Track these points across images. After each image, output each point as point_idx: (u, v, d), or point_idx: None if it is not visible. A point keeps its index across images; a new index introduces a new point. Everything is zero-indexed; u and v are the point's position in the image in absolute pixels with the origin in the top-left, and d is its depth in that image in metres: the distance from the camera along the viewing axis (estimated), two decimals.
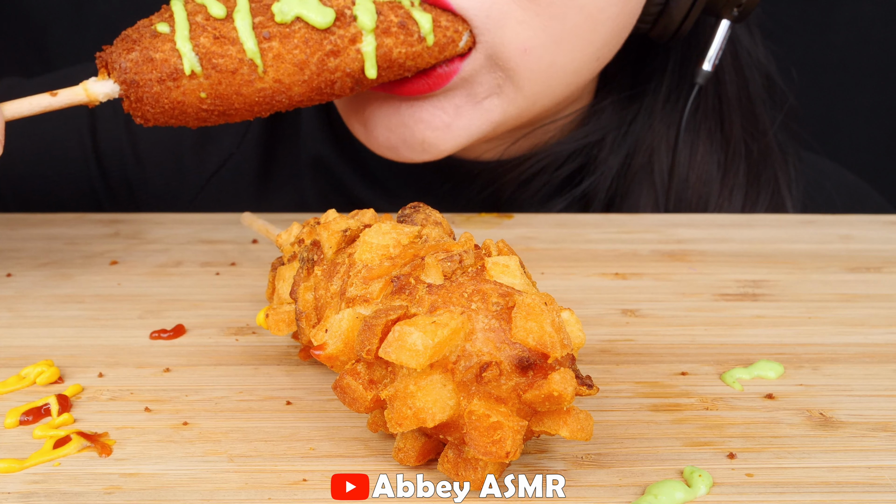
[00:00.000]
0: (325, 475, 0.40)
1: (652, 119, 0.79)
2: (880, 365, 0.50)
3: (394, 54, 0.57)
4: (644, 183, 0.79)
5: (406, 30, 0.57)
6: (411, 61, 0.58)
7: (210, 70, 0.54)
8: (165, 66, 0.53)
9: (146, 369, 0.49)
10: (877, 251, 0.67)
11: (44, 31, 1.28)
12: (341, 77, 0.57)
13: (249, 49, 0.54)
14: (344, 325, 0.40)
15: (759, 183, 0.80)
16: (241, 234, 0.69)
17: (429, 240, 0.43)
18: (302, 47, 0.55)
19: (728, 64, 0.80)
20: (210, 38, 0.54)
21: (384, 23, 0.57)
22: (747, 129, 0.81)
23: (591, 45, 0.65)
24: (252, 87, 0.55)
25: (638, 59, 0.80)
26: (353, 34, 0.56)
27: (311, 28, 0.55)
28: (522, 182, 0.79)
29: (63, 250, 0.66)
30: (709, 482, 0.39)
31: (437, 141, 0.66)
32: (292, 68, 0.55)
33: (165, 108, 0.54)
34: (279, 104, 0.57)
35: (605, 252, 0.66)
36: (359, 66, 0.57)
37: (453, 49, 0.60)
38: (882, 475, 0.40)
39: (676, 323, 0.55)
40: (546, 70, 0.65)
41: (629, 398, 0.47)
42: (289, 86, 0.56)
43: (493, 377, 0.36)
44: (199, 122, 0.57)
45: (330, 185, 0.85)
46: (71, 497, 0.38)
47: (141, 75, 0.53)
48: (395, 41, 0.57)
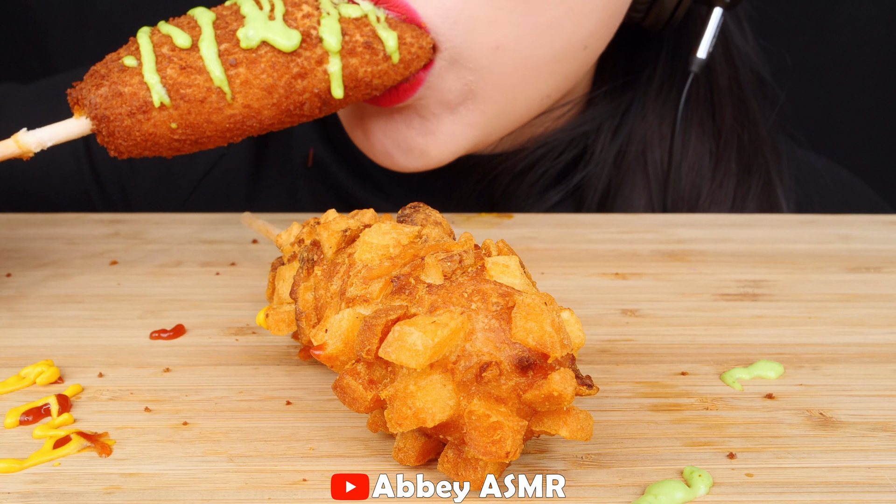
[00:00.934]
0: (325, 475, 0.40)
1: (645, 109, 0.79)
2: (880, 365, 0.50)
3: (360, 73, 0.57)
4: (638, 174, 0.79)
5: (371, 49, 0.57)
6: (378, 80, 0.58)
7: (178, 101, 0.54)
8: (135, 100, 0.54)
9: (146, 369, 0.49)
10: (877, 251, 0.67)
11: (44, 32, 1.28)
12: (309, 98, 0.57)
13: (216, 77, 0.54)
14: (344, 325, 0.40)
15: (751, 172, 0.80)
16: (241, 234, 0.69)
17: (429, 240, 0.43)
18: (269, 71, 0.55)
19: (719, 54, 0.80)
20: (177, 68, 0.54)
21: (349, 43, 0.57)
22: (738, 119, 0.81)
23: (574, 35, 0.65)
24: (222, 115, 0.55)
25: (630, 48, 0.81)
26: (319, 55, 0.56)
27: (278, 52, 0.55)
28: (517, 174, 0.79)
29: (63, 250, 0.66)
30: (709, 482, 0.39)
31: (428, 147, 0.66)
32: (261, 93, 0.55)
33: (138, 140, 0.55)
34: (250, 129, 0.57)
35: (605, 252, 0.66)
36: (326, 86, 0.57)
37: (418, 65, 0.60)
38: (882, 475, 0.40)
39: (676, 323, 0.55)
40: (522, 63, 0.64)
41: (629, 398, 0.47)
42: (258, 110, 0.56)
43: (493, 377, 0.36)
44: (173, 152, 0.57)
45: (323, 184, 0.85)
46: (71, 497, 0.38)
47: (111, 110, 0.54)
48: (361, 61, 0.57)
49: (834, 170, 0.92)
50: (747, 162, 0.81)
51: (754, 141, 0.81)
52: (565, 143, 0.79)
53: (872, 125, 1.37)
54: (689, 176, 0.79)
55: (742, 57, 0.82)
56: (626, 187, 0.79)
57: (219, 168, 0.87)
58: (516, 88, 0.66)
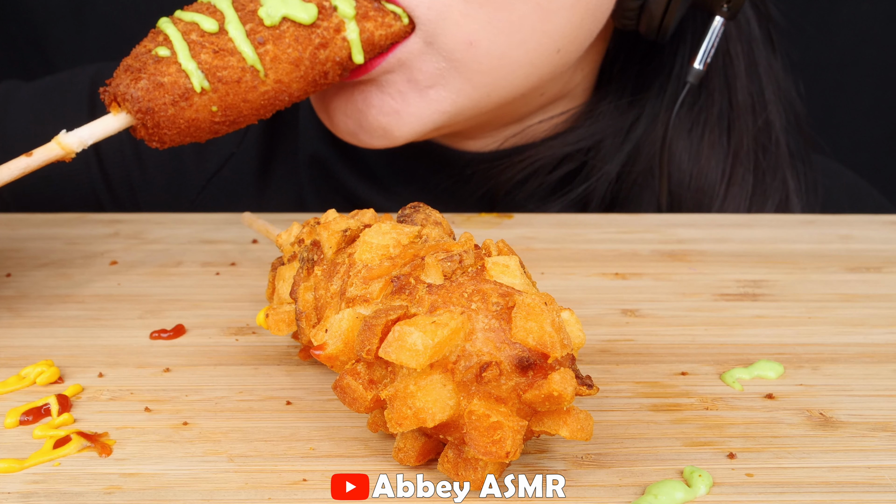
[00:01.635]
0: (325, 475, 0.40)
1: (653, 126, 0.78)
2: (880, 365, 0.50)
3: (376, 37, 0.60)
4: (645, 189, 0.79)
5: (383, 10, 0.60)
6: (390, 41, 0.61)
7: (217, 83, 0.55)
8: (176, 88, 0.55)
9: (146, 369, 0.49)
10: (877, 251, 0.67)
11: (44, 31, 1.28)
12: (332, 66, 0.59)
13: (249, 56, 0.56)
14: (344, 325, 0.40)
15: (766, 193, 0.79)
16: (241, 234, 0.69)
17: (429, 240, 0.43)
18: (294, 45, 0.57)
19: (742, 71, 0.78)
20: (210, 52, 0.55)
21: (362, 8, 0.59)
22: (758, 139, 0.79)
23: (545, 35, 0.65)
24: (257, 92, 0.57)
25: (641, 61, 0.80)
26: (336, 24, 0.58)
27: (299, 25, 0.57)
28: (518, 183, 0.79)
29: (63, 250, 0.66)
30: (709, 482, 0.39)
31: (391, 126, 0.66)
32: (289, 67, 0.57)
33: (182, 128, 0.56)
34: (281, 103, 0.59)
35: (606, 252, 0.66)
36: (346, 53, 0.59)
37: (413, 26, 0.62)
38: (882, 475, 0.40)
39: (676, 323, 0.55)
40: (497, 62, 0.65)
41: (629, 398, 0.47)
42: (288, 84, 0.58)
43: (493, 377, 0.36)
44: (212, 135, 0.58)
45: (327, 182, 0.85)
46: (71, 497, 0.38)
47: (154, 101, 0.54)
48: (375, 24, 0.60)
49: (838, 171, 0.91)
50: (764, 181, 0.79)
51: (773, 161, 0.80)
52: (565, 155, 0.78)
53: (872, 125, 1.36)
54: (698, 196, 0.78)
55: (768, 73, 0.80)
56: (632, 202, 0.79)
57: (228, 167, 0.87)
58: (490, 86, 0.66)
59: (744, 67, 0.79)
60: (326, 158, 0.85)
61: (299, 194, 0.86)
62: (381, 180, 0.84)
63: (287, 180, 0.87)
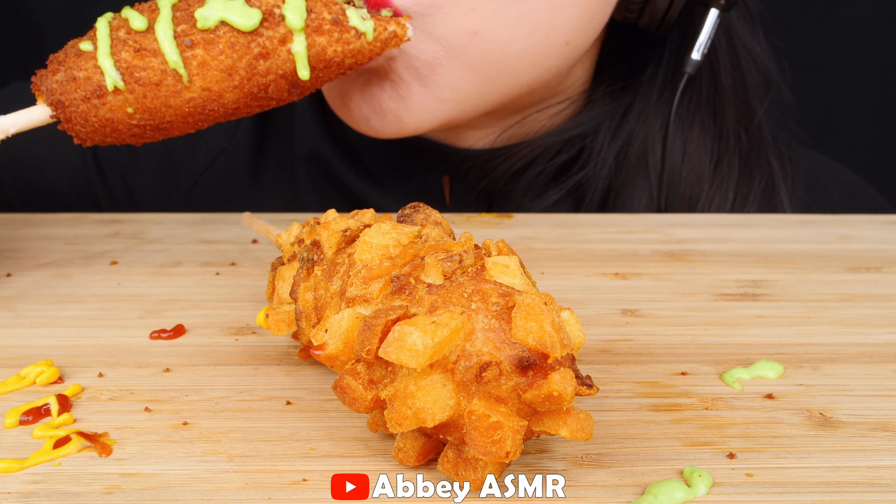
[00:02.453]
0: (325, 475, 0.40)
1: (646, 111, 0.79)
2: (880, 365, 0.50)
3: (329, 53, 0.55)
4: (639, 176, 0.79)
5: (341, 26, 0.55)
6: (351, 59, 0.56)
7: (133, 84, 0.53)
8: (89, 84, 0.53)
9: (146, 369, 0.49)
10: (877, 251, 0.67)
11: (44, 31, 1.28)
12: (275, 80, 0.55)
13: (171, 59, 0.53)
14: (344, 325, 0.40)
15: (752, 175, 0.80)
16: (241, 234, 0.69)
17: (429, 240, 0.43)
18: (228, 52, 0.53)
19: (724, 55, 0.80)
20: (131, 51, 0.53)
21: (315, 20, 0.55)
22: (741, 122, 0.81)
23: (555, 28, 0.65)
24: (180, 98, 0.54)
25: (632, 50, 0.81)
26: (282, 34, 0.54)
27: (237, 31, 0.53)
28: (515, 173, 0.79)
29: (63, 250, 0.66)
30: (709, 482, 0.39)
31: (400, 113, 0.66)
32: (220, 74, 0.54)
33: (96, 126, 0.54)
34: (214, 113, 0.55)
35: (605, 252, 0.66)
36: (291, 67, 0.55)
37: (397, 42, 0.58)
38: (882, 475, 0.40)
39: (676, 323, 0.55)
40: (501, 52, 0.65)
41: (629, 398, 0.47)
42: (219, 93, 0.54)
43: (493, 377, 0.36)
44: (136, 139, 0.56)
45: (324, 179, 0.86)
46: (71, 497, 0.38)
47: (66, 95, 0.53)
48: (330, 39, 0.55)
49: (834, 168, 0.92)
50: (749, 164, 0.80)
51: (757, 143, 0.81)
52: (563, 143, 0.79)
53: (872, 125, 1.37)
54: (689, 177, 0.79)
55: (749, 57, 0.82)
56: (627, 188, 0.79)
57: (220, 162, 0.87)
58: (493, 74, 0.66)
59: (726, 51, 0.80)
60: (324, 154, 0.85)
61: (294, 190, 0.86)
62: (378, 176, 0.84)
63: (280, 176, 0.87)
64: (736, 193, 0.79)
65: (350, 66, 0.57)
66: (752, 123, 0.81)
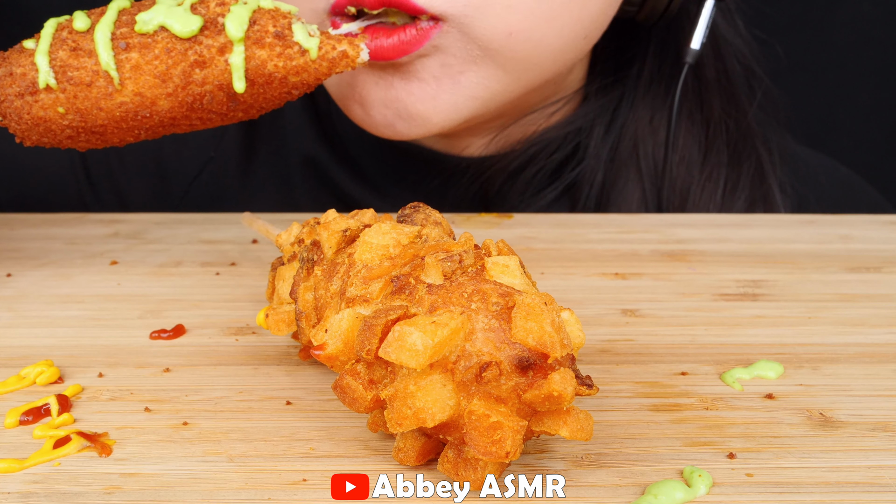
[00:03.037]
0: (325, 475, 0.40)
1: (635, 104, 0.80)
2: (880, 365, 0.50)
3: (269, 67, 0.53)
4: (631, 168, 0.80)
5: (284, 41, 0.53)
6: (295, 76, 0.54)
7: (65, 83, 0.52)
8: (23, 81, 0.53)
9: (146, 369, 0.49)
10: (876, 251, 0.67)
11: None
12: (212, 90, 0.53)
13: (103, 60, 0.52)
14: (344, 325, 0.40)
15: (741, 162, 0.81)
16: (241, 234, 0.69)
17: (429, 240, 0.43)
18: (163, 58, 0.52)
19: (706, 46, 0.81)
20: (67, 51, 0.52)
21: (258, 32, 0.53)
22: (727, 110, 0.82)
23: (579, 22, 0.66)
24: (112, 101, 0.53)
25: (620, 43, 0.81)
26: (221, 44, 0.52)
27: (175, 38, 0.52)
28: (512, 173, 0.79)
29: (63, 250, 0.66)
30: (709, 482, 0.39)
31: (428, 113, 0.66)
32: (153, 80, 0.52)
33: (30, 124, 0.54)
34: (148, 121, 0.54)
35: (605, 252, 0.66)
36: (228, 78, 0.53)
37: (348, 63, 0.55)
38: (882, 475, 0.40)
39: (676, 323, 0.55)
40: (533, 50, 0.65)
41: (629, 398, 0.47)
42: (152, 99, 0.53)
43: (493, 377, 0.36)
44: (73, 142, 0.55)
45: (320, 184, 0.86)
46: (71, 497, 0.38)
47: (2, 90, 0.53)
48: (271, 53, 0.53)
49: (832, 166, 0.92)
50: (737, 152, 0.81)
51: (743, 131, 0.82)
52: (559, 141, 0.79)
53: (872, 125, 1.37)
54: (680, 168, 0.80)
55: (729, 48, 0.83)
56: (620, 182, 0.80)
57: (208, 171, 0.87)
58: (522, 72, 0.67)
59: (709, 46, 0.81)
60: (320, 159, 0.85)
61: (290, 196, 0.86)
62: (375, 180, 0.84)
63: (275, 182, 0.87)
64: (726, 181, 0.80)
65: (296, 85, 0.54)
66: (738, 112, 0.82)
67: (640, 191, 0.80)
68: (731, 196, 0.80)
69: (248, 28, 0.52)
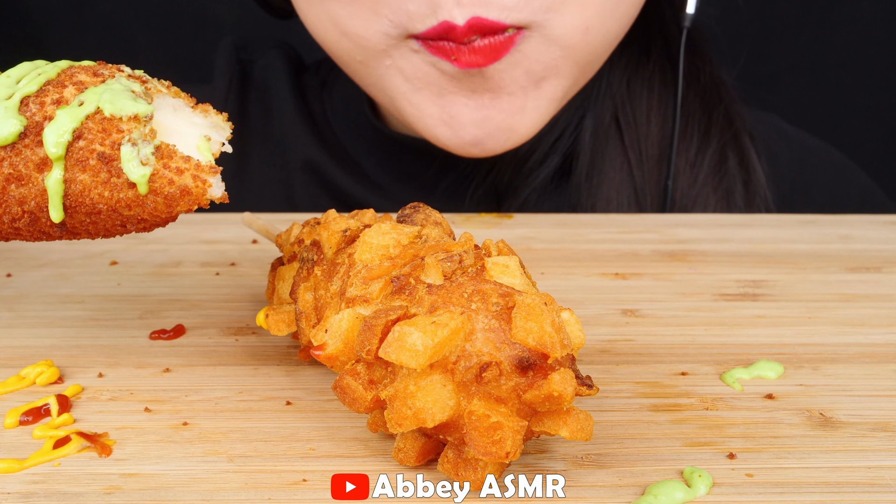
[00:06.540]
0: (325, 475, 0.40)
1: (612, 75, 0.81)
2: (880, 365, 0.50)
3: (93, 195, 0.41)
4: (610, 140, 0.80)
5: (109, 165, 0.41)
6: (128, 211, 0.42)
7: None
8: None
9: (146, 369, 0.49)
10: (877, 251, 0.67)
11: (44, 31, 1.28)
12: (32, 210, 0.42)
13: None
14: (344, 325, 0.40)
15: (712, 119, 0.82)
16: (241, 234, 0.69)
17: (429, 240, 0.43)
18: None
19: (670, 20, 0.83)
20: None
21: (81, 151, 0.41)
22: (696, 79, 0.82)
23: (634, 6, 0.68)
24: None
25: None
26: (41, 158, 0.41)
27: None
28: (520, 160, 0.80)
29: (63, 250, 0.66)
30: (709, 482, 0.39)
31: (517, 125, 0.67)
32: None
33: None
34: None
35: (605, 252, 0.66)
36: (43, 202, 0.42)
37: (193, 201, 0.42)
38: (882, 475, 0.40)
39: (676, 323, 0.55)
40: (603, 41, 0.67)
41: (629, 398, 0.47)
42: None
43: (493, 377, 0.36)
44: None
45: (319, 185, 0.86)
46: (71, 497, 0.38)
47: None
48: (94, 179, 0.41)
49: (825, 149, 0.92)
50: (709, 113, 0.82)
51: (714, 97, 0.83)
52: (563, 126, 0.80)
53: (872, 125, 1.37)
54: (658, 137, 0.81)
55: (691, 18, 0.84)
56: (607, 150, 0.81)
57: None
58: (592, 65, 0.69)
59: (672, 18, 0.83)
60: (319, 163, 0.85)
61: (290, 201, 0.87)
62: (376, 180, 0.84)
63: (266, 189, 0.87)
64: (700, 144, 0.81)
65: (130, 219, 0.43)
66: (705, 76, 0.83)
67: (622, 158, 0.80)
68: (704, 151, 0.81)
69: (70, 142, 0.41)
